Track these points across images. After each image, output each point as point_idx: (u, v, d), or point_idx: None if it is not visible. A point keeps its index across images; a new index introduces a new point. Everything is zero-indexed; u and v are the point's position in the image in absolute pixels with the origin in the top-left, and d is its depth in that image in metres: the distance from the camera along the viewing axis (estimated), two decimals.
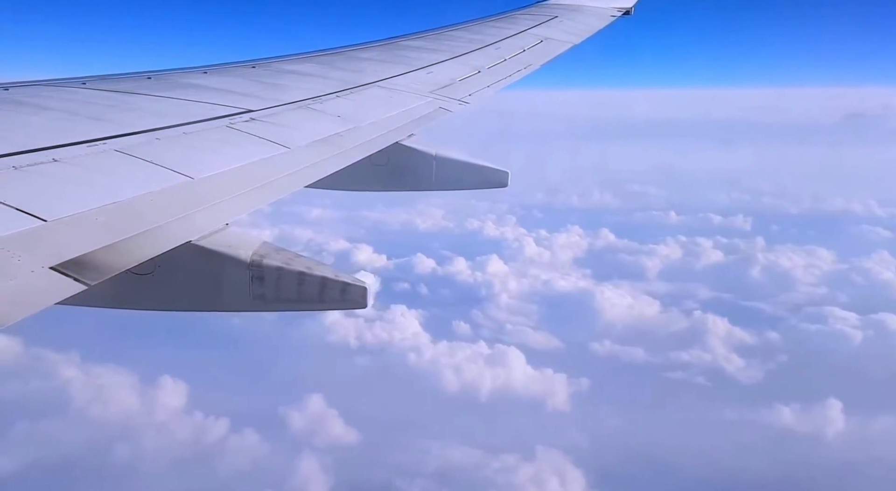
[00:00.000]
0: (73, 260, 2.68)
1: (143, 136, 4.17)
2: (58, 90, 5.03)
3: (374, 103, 6.43)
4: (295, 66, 7.35)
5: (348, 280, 3.67)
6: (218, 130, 4.67)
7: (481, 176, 6.65)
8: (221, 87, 5.93)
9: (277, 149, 4.58)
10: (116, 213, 3.15)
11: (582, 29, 11.66)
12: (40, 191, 3.14)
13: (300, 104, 5.78)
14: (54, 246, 2.73)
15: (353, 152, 5.04)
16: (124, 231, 3.03)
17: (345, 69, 7.52)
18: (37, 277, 2.53)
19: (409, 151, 6.13)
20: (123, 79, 5.89)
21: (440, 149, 6.43)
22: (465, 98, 7.33)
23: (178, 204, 3.45)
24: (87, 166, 3.55)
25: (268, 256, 3.63)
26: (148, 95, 5.28)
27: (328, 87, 6.56)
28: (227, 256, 3.54)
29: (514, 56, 9.34)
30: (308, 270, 3.64)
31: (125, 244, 2.95)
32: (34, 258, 2.60)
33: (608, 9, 13.17)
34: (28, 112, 4.33)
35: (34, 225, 2.81)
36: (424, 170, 6.34)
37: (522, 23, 11.49)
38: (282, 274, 3.61)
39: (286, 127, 5.07)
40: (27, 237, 2.72)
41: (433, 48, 9.21)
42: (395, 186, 6.58)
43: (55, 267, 2.60)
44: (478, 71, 8.37)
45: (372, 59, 8.28)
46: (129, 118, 4.50)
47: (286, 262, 3.64)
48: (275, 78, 6.65)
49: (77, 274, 2.62)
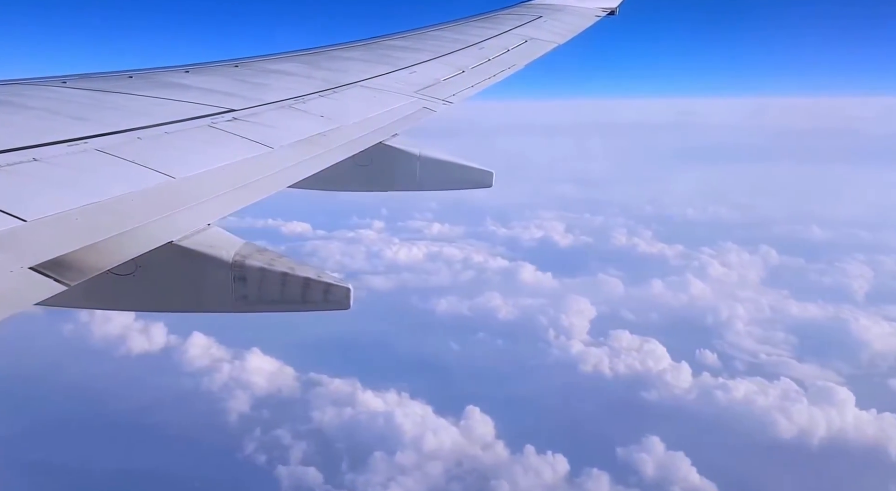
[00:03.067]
0: (54, 260, 2.66)
1: (124, 136, 4.14)
2: (38, 89, 4.99)
3: (357, 103, 6.42)
4: (278, 66, 7.33)
5: (331, 281, 3.67)
6: (200, 130, 4.65)
7: (466, 176, 6.66)
8: (204, 86, 5.90)
9: (260, 149, 4.56)
10: (97, 213, 3.13)
11: (566, 29, 11.70)
12: (20, 190, 3.12)
13: (283, 104, 5.77)
14: (34, 246, 2.71)
15: (337, 152, 5.03)
16: (105, 231, 3.01)
17: (328, 69, 7.50)
18: (16, 278, 2.51)
19: (392, 151, 6.13)
20: (105, 78, 5.85)
21: (424, 149, 6.43)
22: (449, 98, 7.33)
23: (159, 204, 3.43)
24: (67, 166, 3.52)
25: (250, 256, 3.63)
26: (129, 94, 5.24)
27: (311, 86, 6.55)
28: (209, 256, 3.52)
29: (498, 56, 9.36)
30: (291, 271, 3.63)
31: (106, 244, 2.94)
32: (13, 258, 2.58)
33: (593, 9, 13.23)
34: (8, 111, 4.29)
35: (13, 225, 2.79)
36: (408, 170, 6.34)
37: (507, 23, 11.51)
38: (264, 275, 3.60)
39: (269, 127, 5.06)
40: (6, 237, 2.70)
41: (417, 48, 9.21)
42: (379, 187, 6.57)
43: (35, 267, 2.59)
44: (462, 71, 8.38)
45: (355, 59, 8.27)
46: (110, 117, 4.47)
47: (269, 262, 3.64)
48: (258, 77, 6.63)
49: (57, 274, 2.60)
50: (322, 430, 54.26)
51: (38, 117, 4.24)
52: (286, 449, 51.77)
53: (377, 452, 50.56)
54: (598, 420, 54.92)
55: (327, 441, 52.84)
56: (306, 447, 51.87)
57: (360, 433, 53.37)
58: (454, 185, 6.68)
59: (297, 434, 53.31)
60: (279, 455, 51.05)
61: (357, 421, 54.99)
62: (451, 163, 6.57)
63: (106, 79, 5.77)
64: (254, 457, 51.11)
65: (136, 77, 5.95)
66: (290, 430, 53.76)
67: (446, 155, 6.57)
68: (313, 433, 53.68)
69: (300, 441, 52.52)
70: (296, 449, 51.66)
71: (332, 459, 50.55)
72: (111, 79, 5.79)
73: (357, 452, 51.03)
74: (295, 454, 51.21)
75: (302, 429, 54.16)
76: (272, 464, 50.24)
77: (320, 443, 52.57)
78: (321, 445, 52.22)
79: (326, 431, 54.12)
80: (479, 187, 6.64)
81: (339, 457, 50.77)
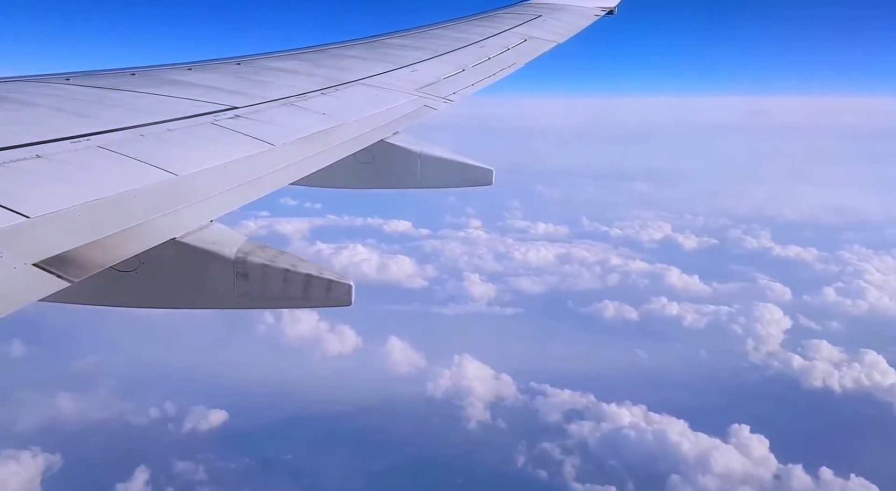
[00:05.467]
0: (57, 256, 2.68)
1: (127, 133, 4.16)
2: (41, 86, 5.00)
3: (358, 101, 6.43)
4: (280, 64, 7.34)
5: (333, 277, 3.68)
6: (202, 127, 4.67)
7: (466, 174, 6.67)
8: (206, 83, 5.91)
9: (262, 146, 4.57)
10: (100, 210, 3.14)
11: (566, 28, 11.71)
12: (23, 187, 3.13)
13: (285, 101, 5.78)
14: (37, 242, 2.72)
15: (338, 150, 5.05)
16: (108, 228, 3.02)
17: (330, 67, 7.51)
18: (20, 274, 2.53)
19: (393, 149, 6.14)
20: (107, 75, 5.86)
21: (425, 147, 6.44)
22: (450, 96, 7.34)
23: (162, 201, 3.45)
24: (70, 163, 3.54)
25: (252, 253, 3.64)
26: (132, 92, 5.26)
27: (313, 84, 6.55)
28: (212, 252, 3.54)
29: (498, 55, 9.37)
30: (293, 268, 3.65)
31: (109, 241, 2.95)
32: (17, 255, 2.60)
33: (592, 8, 13.23)
34: (11, 108, 4.30)
35: (17, 221, 2.80)
36: (409, 167, 6.35)
37: (507, 22, 11.52)
38: (266, 271, 3.62)
39: (271, 124, 5.07)
40: (10, 233, 2.71)
41: (418, 47, 9.22)
42: (380, 184, 6.58)
43: (38, 263, 2.60)
44: (462, 69, 8.39)
45: (357, 57, 8.28)
46: (113, 115, 4.48)
47: (271, 259, 3.65)
48: (260, 75, 6.64)
49: (60, 271, 2.61)
50: (587, 444, 52.23)
51: (41, 114, 4.26)
52: (558, 464, 50.07)
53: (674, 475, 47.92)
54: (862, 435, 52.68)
55: (596, 457, 50.81)
56: (579, 463, 50.00)
57: (629, 450, 50.84)
58: (455, 183, 6.69)
59: (564, 449, 51.52)
60: (555, 470, 49.35)
61: (620, 436, 52.44)
62: (451, 160, 6.58)
63: (109, 76, 5.78)
64: (533, 472, 49.20)
65: (139, 75, 5.97)
66: (558, 444, 52.00)
67: (447, 152, 6.58)
68: (579, 448, 51.74)
69: (569, 456, 50.70)
70: (567, 464, 49.98)
71: (613, 478, 48.20)
72: (114, 76, 5.80)
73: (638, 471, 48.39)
74: (567, 470, 49.50)
75: (568, 443, 52.30)
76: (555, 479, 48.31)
77: (588, 458, 50.57)
78: (592, 462, 50.20)
79: (591, 446, 52.06)
80: (480, 185, 6.65)
81: (620, 476, 48.36)
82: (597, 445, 52.22)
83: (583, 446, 52.01)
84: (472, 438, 53.54)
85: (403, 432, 53.32)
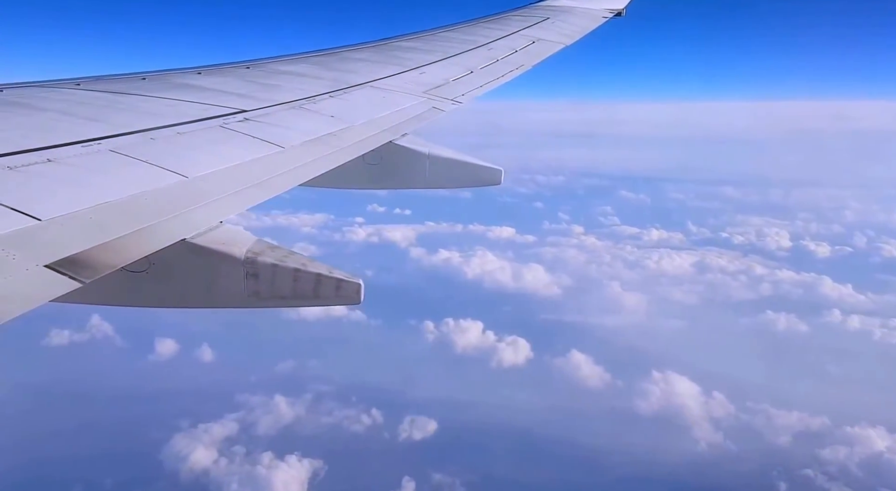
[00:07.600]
0: (68, 258, 2.70)
1: (137, 136, 4.19)
2: (52, 91, 5.05)
3: (367, 103, 6.45)
4: (289, 67, 7.37)
5: (342, 277, 3.70)
6: (212, 130, 4.70)
7: (475, 174, 6.67)
8: (215, 87, 5.95)
9: (271, 148, 4.60)
10: (111, 212, 3.17)
11: (574, 30, 11.70)
12: (35, 190, 3.16)
13: (294, 104, 5.81)
14: (49, 245, 2.75)
15: (347, 151, 5.06)
16: (118, 230, 3.05)
17: (338, 69, 7.54)
18: (32, 275, 2.56)
19: (402, 150, 6.16)
20: (118, 80, 5.90)
21: (433, 148, 6.45)
22: (458, 98, 7.35)
23: (172, 203, 3.47)
24: (81, 166, 3.57)
25: (262, 253, 3.66)
26: (142, 96, 5.30)
27: (322, 87, 6.58)
28: (222, 253, 3.56)
29: (506, 57, 9.38)
30: (303, 267, 3.66)
31: (119, 242, 2.97)
32: (29, 257, 2.62)
33: (600, 10, 13.22)
34: (23, 113, 4.34)
35: (29, 224, 2.83)
36: (418, 168, 6.36)
37: (514, 24, 11.53)
38: (276, 271, 3.63)
39: (280, 127, 5.10)
40: (22, 236, 2.74)
41: (426, 49, 9.24)
42: (389, 185, 6.60)
43: (50, 265, 2.63)
44: (470, 71, 8.40)
45: (365, 60, 8.30)
46: (123, 118, 4.52)
47: (280, 259, 3.67)
48: (268, 78, 6.67)
49: (72, 272, 2.64)
50: (848, 470, 48.68)
51: (52, 119, 4.30)
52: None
53: None
54: None
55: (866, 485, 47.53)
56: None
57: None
58: (463, 184, 6.70)
59: (828, 476, 48.10)
60: None
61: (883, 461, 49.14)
62: (460, 161, 6.58)
63: (119, 81, 5.82)
64: None
65: (149, 79, 6.01)
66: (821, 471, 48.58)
67: (455, 153, 6.58)
68: (843, 474, 48.19)
69: (834, 482, 47.47)
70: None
71: None
72: (124, 81, 5.84)
73: None
74: None
75: (830, 469, 48.71)
76: None
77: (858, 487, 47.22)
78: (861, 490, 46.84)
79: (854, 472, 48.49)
80: (488, 185, 6.65)
81: None
82: (859, 470, 49.05)
83: (845, 472, 48.82)
84: (708, 460, 50.63)
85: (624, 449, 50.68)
